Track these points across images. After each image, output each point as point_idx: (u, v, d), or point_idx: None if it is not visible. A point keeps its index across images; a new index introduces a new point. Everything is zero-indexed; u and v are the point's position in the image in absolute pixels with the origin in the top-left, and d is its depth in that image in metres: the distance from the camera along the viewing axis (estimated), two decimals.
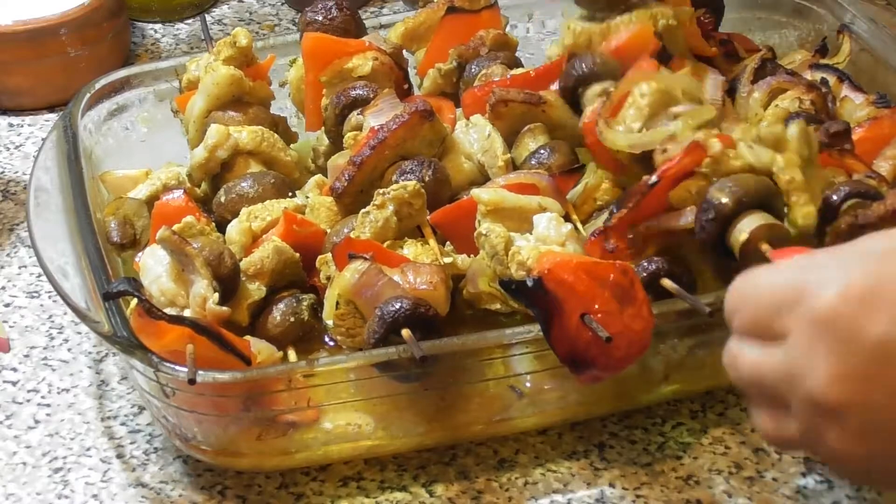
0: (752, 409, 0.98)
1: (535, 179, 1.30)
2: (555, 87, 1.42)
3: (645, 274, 1.21)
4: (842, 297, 0.88)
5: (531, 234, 1.24)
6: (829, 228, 1.23)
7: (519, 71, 1.46)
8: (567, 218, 1.28)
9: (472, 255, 1.30)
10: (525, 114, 1.40)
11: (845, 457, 0.90)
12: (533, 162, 1.37)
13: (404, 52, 1.54)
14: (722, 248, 1.19)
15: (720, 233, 1.19)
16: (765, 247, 1.15)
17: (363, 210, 1.28)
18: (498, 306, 1.28)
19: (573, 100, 1.39)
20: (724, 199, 1.18)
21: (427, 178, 1.32)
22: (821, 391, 0.88)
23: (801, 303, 0.90)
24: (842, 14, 1.56)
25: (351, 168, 1.33)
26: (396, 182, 1.31)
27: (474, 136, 1.39)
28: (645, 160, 1.26)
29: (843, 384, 0.88)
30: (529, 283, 1.13)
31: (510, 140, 1.40)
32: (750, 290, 0.96)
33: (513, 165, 1.38)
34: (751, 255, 1.16)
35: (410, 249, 1.27)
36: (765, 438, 0.99)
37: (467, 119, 1.42)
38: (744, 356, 0.95)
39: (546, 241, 1.23)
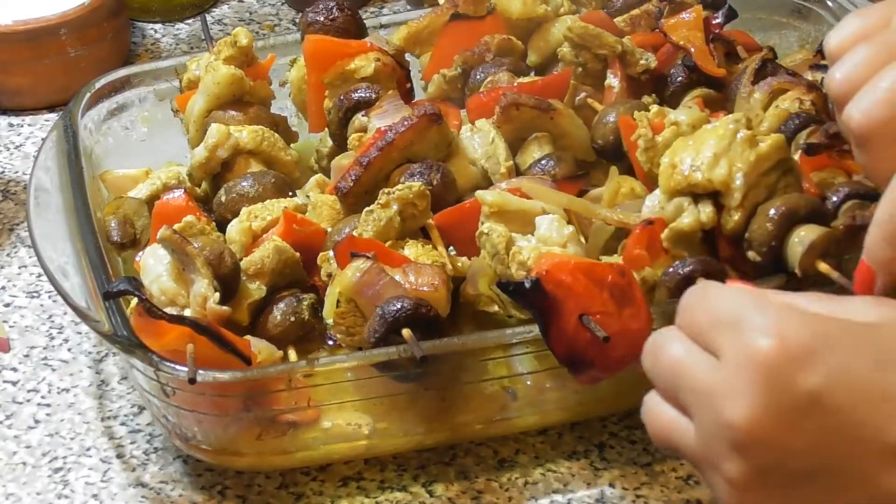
0: (652, 397, 0.98)
1: (538, 184, 1.31)
2: None
3: (681, 273, 1.19)
4: (782, 347, 0.89)
5: (533, 235, 1.24)
6: (830, 226, 1.24)
7: (526, 79, 1.46)
8: (570, 221, 1.28)
9: (472, 258, 1.30)
10: (533, 119, 1.40)
11: (735, 490, 0.91)
12: (536, 170, 1.37)
13: (406, 54, 1.54)
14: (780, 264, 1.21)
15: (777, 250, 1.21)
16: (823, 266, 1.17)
17: (367, 208, 1.28)
18: (496, 309, 1.28)
19: None
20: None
21: (435, 182, 1.32)
22: (741, 421, 0.89)
23: (741, 331, 0.91)
24: (842, 15, 1.56)
25: (357, 168, 1.33)
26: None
27: (478, 140, 1.39)
28: None
29: (766, 420, 0.88)
30: (527, 285, 1.12)
31: (514, 146, 1.40)
32: (700, 298, 0.96)
33: (516, 171, 1.38)
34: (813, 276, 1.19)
35: (411, 250, 1.27)
36: (652, 428, 0.98)
37: (471, 124, 1.42)
38: (672, 347, 0.95)
39: (547, 242, 1.23)
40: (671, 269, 1.20)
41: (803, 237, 1.19)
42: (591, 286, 1.13)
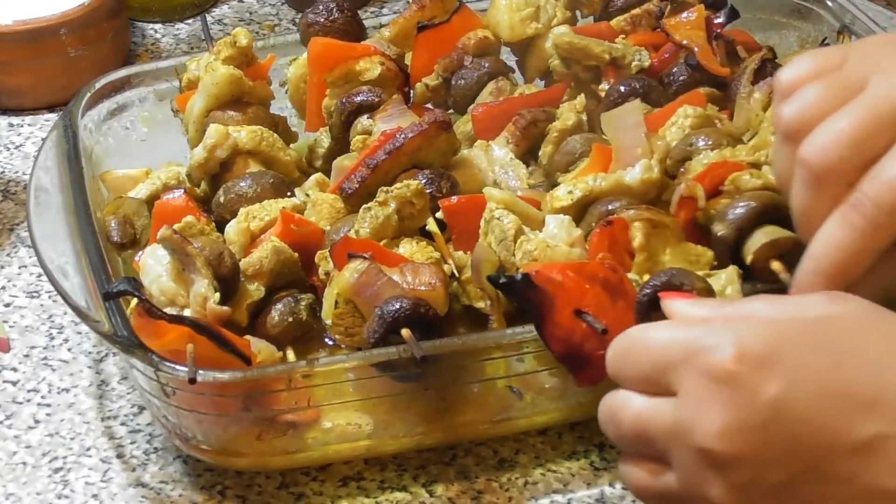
0: (624, 464, 1.00)
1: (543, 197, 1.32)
2: None
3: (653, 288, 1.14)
4: (738, 357, 0.89)
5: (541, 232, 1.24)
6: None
7: (529, 89, 1.48)
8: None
9: (468, 252, 1.29)
10: (543, 129, 1.42)
11: None
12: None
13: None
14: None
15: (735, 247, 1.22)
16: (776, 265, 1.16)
17: (364, 206, 1.28)
18: (482, 305, 1.27)
19: None
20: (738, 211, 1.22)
21: (445, 190, 1.32)
22: (712, 442, 0.89)
23: (694, 360, 0.91)
24: (842, 15, 1.56)
25: (364, 170, 1.33)
26: None
27: (499, 153, 1.40)
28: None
29: (736, 436, 0.89)
30: (518, 278, 1.12)
31: (524, 157, 1.42)
32: (639, 345, 0.97)
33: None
34: (762, 271, 1.20)
35: (406, 248, 1.27)
36: (636, 492, 1.00)
37: (477, 133, 1.43)
38: (629, 407, 0.97)
39: (555, 239, 1.22)
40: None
41: (769, 232, 1.20)
42: (582, 282, 1.13)
